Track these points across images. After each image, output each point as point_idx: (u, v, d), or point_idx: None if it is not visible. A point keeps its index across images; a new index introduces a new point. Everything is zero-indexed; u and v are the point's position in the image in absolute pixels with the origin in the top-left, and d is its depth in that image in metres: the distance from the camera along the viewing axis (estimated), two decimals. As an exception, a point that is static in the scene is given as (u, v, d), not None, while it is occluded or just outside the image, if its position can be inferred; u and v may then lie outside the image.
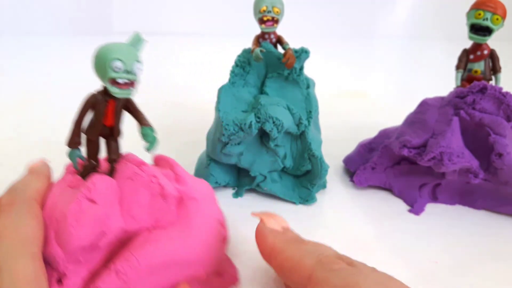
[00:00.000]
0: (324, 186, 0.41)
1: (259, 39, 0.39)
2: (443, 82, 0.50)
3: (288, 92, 0.39)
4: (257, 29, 0.39)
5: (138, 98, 0.28)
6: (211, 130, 0.40)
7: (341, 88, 0.76)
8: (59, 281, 0.25)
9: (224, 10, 1.11)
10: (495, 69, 0.40)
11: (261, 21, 0.37)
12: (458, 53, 0.41)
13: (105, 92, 0.25)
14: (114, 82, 0.25)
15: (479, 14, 0.38)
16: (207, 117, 0.44)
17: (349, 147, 0.48)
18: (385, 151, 0.42)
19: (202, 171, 0.40)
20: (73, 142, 0.27)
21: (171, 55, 0.98)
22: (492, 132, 0.37)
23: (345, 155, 0.47)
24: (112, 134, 0.28)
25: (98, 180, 0.26)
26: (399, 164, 0.42)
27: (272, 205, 0.40)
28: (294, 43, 0.40)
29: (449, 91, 0.42)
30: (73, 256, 0.25)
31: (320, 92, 0.44)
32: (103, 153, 0.28)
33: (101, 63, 0.24)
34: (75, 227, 0.24)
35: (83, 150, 0.28)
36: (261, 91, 0.40)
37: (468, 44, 0.41)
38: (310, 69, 0.45)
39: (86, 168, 0.28)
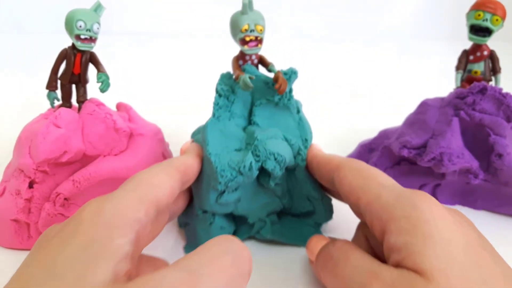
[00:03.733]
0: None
1: (239, 60, 0.34)
2: (443, 83, 0.50)
3: (280, 119, 0.34)
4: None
5: (138, 98, 0.28)
6: (197, 178, 0.33)
7: (341, 88, 0.76)
8: (31, 186, 0.33)
9: (225, 10, 1.11)
10: (495, 70, 0.40)
11: (243, 42, 0.32)
12: (458, 53, 0.41)
13: (73, 47, 0.34)
14: (78, 37, 0.33)
15: (479, 15, 0.38)
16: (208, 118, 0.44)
17: (349, 147, 0.48)
18: (385, 151, 0.42)
19: (207, 230, 0.32)
20: (50, 85, 0.35)
21: (171, 55, 0.98)
22: (492, 133, 0.37)
23: (345, 155, 0.47)
24: (80, 81, 0.35)
25: (63, 111, 0.34)
26: (399, 165, 0.42)
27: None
28: (294, 43, 0.39)
29: (449, 92, 0.42)
30: (41, 166, 0.32)
31: (320, 92, 0.44)
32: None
33: (69, 23, 0.33)
34: (43, 143, 0.32)
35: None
36: (249, 121, 0.35)
37: (468, 44, 0.41)
38: (310, 69, 0.45)
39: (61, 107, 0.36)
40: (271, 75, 0.34)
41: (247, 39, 0.32)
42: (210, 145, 0.31)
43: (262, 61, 0.35)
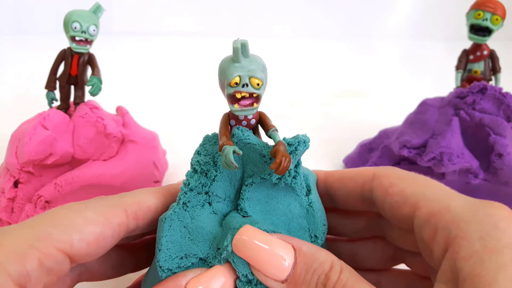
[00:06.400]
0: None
1: (230, 120, 0.24)
2: (443, 82, 0.50)
3: (278, 205, 0.24)
4: (256, 30, 0.38)
5: (140, 100, 0.28)
6: (147, 280, 0.24)
7: (341, 88, 0.76)
8: (15, 185, 0.33)
9: (225, 9, 1.11)
10: (495, 69, 0.40)
11: (233, 99, 0.23)
12: (458, 53, 0.41)
13: (71, 48, 0.34)
14: (73, 39, 0.33)
15: (479, 15, 0.38)
16: (209, 118, 0.43)
17: (349, 147, 0.48)
18: (385, 151, 0.42)
19: None
20: (49, 86, 0.35)
21: (171, 55, 0.98)
22: (492, 133, 0.37)
23: (345, 155, 0.47)
24: (78, 83, 0.35)
25: (53, 113, 0.34)
26: (399, 164, 0.42)
27: None
28: (293, 43, 0.39)
29: (449, 91, 0.42)
30: (26, 167, 0.32)
31: (320, 92, 0.43)
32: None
33: (65, 24, 0.33)
34: (28, 143, 0.32)
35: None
36: (237, 206, 0.24)
37: (468, 44, 0.41)
38: (310, 69, 0.45)
39: (59, 108, 0.36)
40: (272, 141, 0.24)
41: (238, 96, 0.22)
42: (163, 253, 0.21)
43: (262, 122, 0.25)
